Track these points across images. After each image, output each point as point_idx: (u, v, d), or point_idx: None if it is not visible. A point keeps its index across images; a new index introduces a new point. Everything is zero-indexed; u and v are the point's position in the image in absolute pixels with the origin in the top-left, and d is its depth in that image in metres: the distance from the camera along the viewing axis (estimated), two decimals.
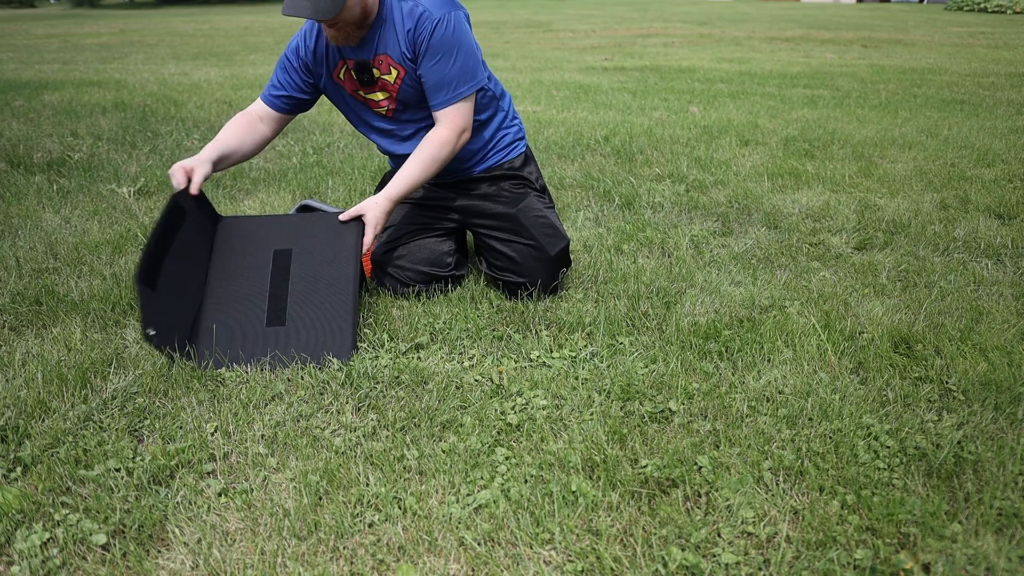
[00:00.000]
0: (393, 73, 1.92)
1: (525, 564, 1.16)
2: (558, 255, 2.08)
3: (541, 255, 2.06)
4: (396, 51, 1.89)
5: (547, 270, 2.07)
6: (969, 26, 14.76)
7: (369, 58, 1.91)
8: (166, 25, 17.22)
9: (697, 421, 1.52)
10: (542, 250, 2.06)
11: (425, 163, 1.93)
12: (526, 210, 2.11)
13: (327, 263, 1.89)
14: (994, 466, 1.35)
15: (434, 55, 1.86)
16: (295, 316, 1.80)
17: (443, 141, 1.93)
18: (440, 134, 1.93)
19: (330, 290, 1.84)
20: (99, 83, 6.73)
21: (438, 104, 1.92)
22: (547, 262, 2.06)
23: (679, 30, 13.65)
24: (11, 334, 1.91)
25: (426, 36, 1.84)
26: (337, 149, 4.06)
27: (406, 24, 1.86)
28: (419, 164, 1.93)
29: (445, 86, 1.89)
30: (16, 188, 3.23)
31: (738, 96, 5.90)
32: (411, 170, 1.93)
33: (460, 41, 1.87)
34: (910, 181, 3.33)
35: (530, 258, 2.06)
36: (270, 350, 1.75)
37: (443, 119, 1.93)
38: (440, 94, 1.90)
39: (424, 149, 1.93)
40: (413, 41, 1.86)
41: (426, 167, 1.93)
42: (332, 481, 1.34)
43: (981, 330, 1.88)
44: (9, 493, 1.29)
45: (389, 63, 1.91)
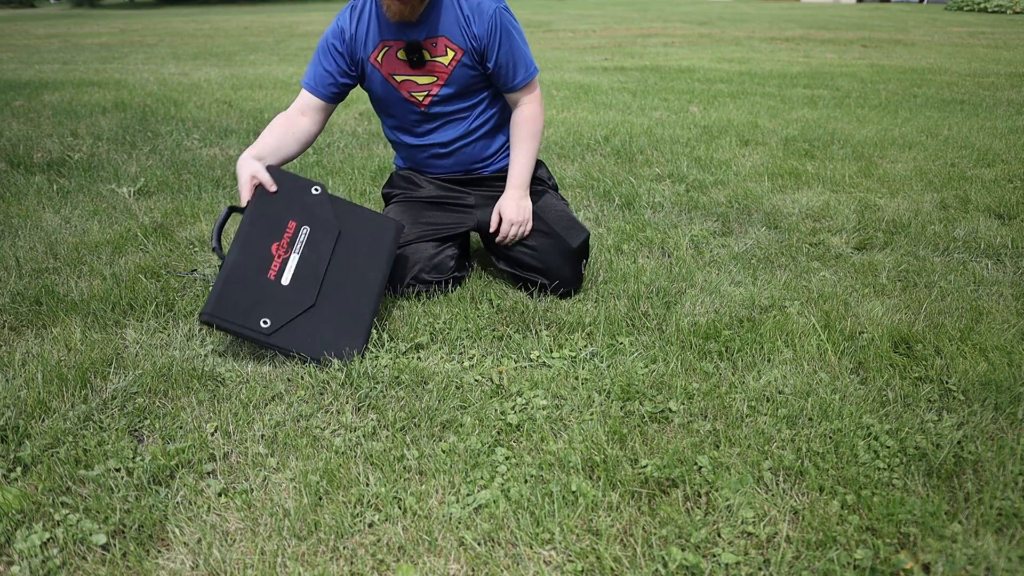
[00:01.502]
0: (449, 55, 1.96)
1: (525, 564, 1.16)
2: (580, 247, 2.10)
3: (563, 248, 2.08)
4: (456, 33, 1.95)
5: (570, 263, 2.09)
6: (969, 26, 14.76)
7: (421, 39, 1.95)
8: (166, 25, 17.22)
9: (697, 421, 1.52)
10: (564, 243, 2.08)
11: (529, 141, 2.07)
12: (545, 206, 2.14)
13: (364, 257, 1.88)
14: (994, 466, 1.35)
15: (506, 38, 1.97)
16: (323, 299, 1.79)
17: (534, 115, 2.07)
18: (529, 110, 2.06)
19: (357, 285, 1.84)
20: (99, 83, 6.73)
21: (520, 81, 2.03)
22: (569, 254, 2.08)
23: (679, 30, 13.65)
24: (11, 334, 1.91)
25: (497, 21, 1.95)
26: (337, 149, 4.07)
27: (464, 9, 1.93)
28: (524, 145, 2.07)
29: (522, 64, 2.02)
30: (16, 188, 3.23)
31: (738, 96, 5.90)
32: (521, 153, 2.07)
33: (516, 28, 2.01)
34: (910, 181, 3.33)
35: (553, 252, 2.08)
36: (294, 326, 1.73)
37: (525, 98, 2.06)
38: (519, 72, 2.02)
39: (522, 130, 2.07)
40: (479, 27, 1.94)
41: (532, 144, 2.08)
42: (332, 481, 1.34)
43: (981, 330, 1.88)
44: (9, 493, 1.29)
45: (446, 44, 1.95)
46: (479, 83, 2.04)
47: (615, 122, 4.76)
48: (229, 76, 7.32)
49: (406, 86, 2.02)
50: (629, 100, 5.70)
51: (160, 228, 2.71)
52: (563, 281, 2.09)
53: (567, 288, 2.11)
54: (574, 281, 2.11)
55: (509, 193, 2.08)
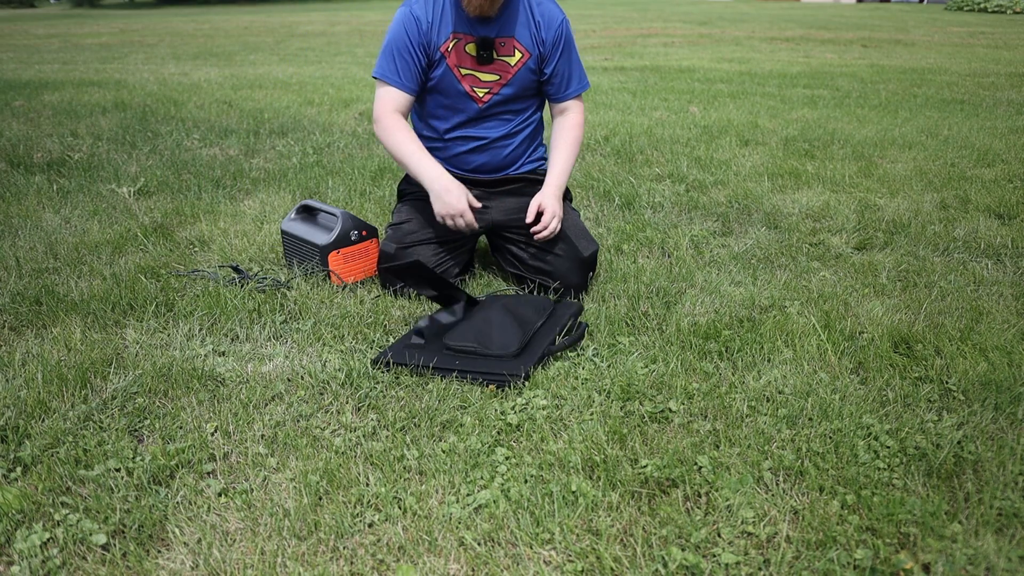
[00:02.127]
0: (516, 56, 2.01)
1: (525, 564, 1.16)
2: (589, 258, 2.11)
3: (575, 255, 2.08)
4: (526, 36, 2.02)
5: (578, 271, 2.09)
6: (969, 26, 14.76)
7: (492, 36, 1.98)
8: (166, 25, 17.22)
9: (697, 421, 1.52)
10: (576, 251, 2.09)
11: (573, 147, 2.15)
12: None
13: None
14: (994, 466, 1.35)
15: (567, 49, 2.08)
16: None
17: (580, 123, 2.17)
18: (576, 118, 2.16)
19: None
20: (99, 83, 6.73)
21: (573, 91, 2.13)
22: (579, 264, 2.09)
23: (679, 30, 13.65)
24: (11, 334, 1.91)
25: (563, 31, 2.05)
26: (337, 149, 4.06)
27: (535, 15, 2.01)
28: (568, 150, 2.14)
29: (577, 75, 2.13)
30: (16, 188, 3.23)
31: (738, 96, 5.90)
32: (564, 156, 2.13)
33: (574, 42, 2.12)
34: (910, 181, 3.33)
35: (563, 261, 2.09)
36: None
37: (573, 107, 2.16)
38: (574, 82, 2.13)
39: (568, 135, 2.14)
40: (545, 34, 2.02)
41: (575, 149, 2.15)
42: (332, 481, 1.34)
43: (981, 330, 1.88)
44: (9, 493, 1.29)
45: (515, 45, 2.00)
46: (535, 88, 2.11)
47: (615, 122, 4.76)
48: (229, 76, 7.32)
49: (469, 80, 2.04)
50: (629, 100, 5.70)
51: (160, 228, 2.71)
52: (569, 288, 2.10)
53: (572, 295, 2.11)
54: (579, 290, 2.11)
55: (549, 190, 2.09)
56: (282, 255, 2.43)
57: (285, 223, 2.31)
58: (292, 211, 2.34)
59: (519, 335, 1.77)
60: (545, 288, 2.12)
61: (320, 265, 2.19)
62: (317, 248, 2.17)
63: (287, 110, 5.29)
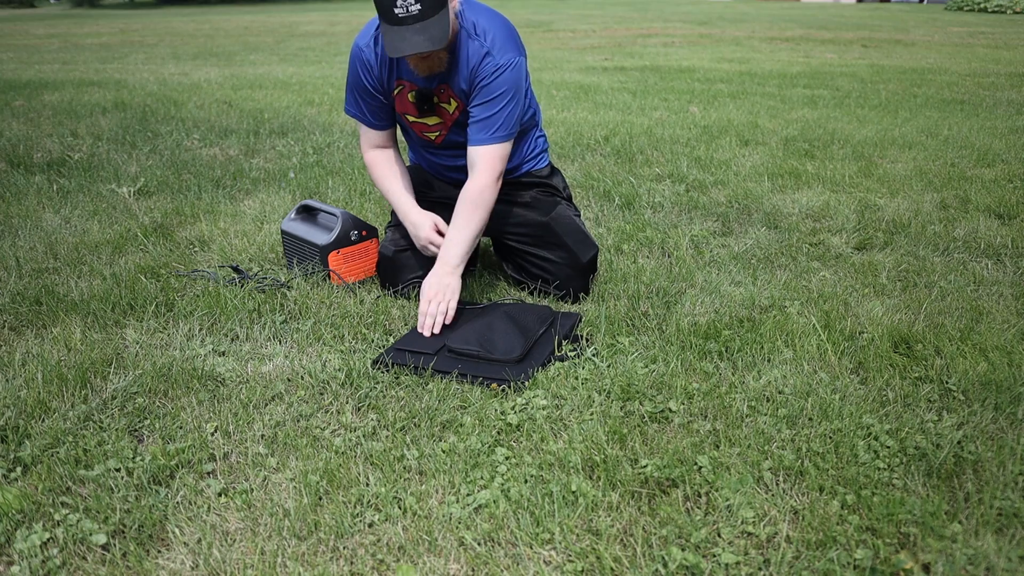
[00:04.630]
0: (452, 104, 1.94)
1: (525, 564, 1.15)
2: (589, 262, 2.10)
3: (574, 262, 2.07)
4: (457, 85, 1.90)
5: (578, 277, 2.09)
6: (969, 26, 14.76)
7: (432, 87, 1.92)
8: (166, 25, 17.22)
9: (697, 421, 1.52)
10: (574, 257, 2.07)
11: (471, 219, 1.91)
12: (558, 218, 2.13)
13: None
14: (994, 466, 1.35)
15: (487, 95, 1.86)
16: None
17: (482, 188, 1.90)
18: (478, 182, 1.90)
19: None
20: (99, 83, 6.73)
21: (480, 140, 1.89)
22: (579, 269, 2.08)
23: (679, 30, 13.65)
24: (11, 334, 1.91)
25: (486, 77, 1.84)
26: (337, 149, 4.06)
27: (471, 61, 1.86)
28: (467, 220, 1.91)
29: (491, 127, 1.88)
30: (16, 188, 3.23)
31: (738, 96, 5.90)
32: (461, 228, 1.91)
33: (516, 88, 1.88)
34: (910, 181, 3.33)
35: (563, 265, 2.08)
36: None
37: (480, 161, 1.90)
38: (484, 132, 1.89)
39: (466, 205, 1.90)
40: (472, 77, 1.87)
41: (475, 221, 1.91)
42: (332, 481, 1.34)
43: (981, 330, 1.88)
44: (9, 493, 1.29)
45: (450, 94, 1.92)
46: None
47: (615, 122, 4.75)
48: (229, 76, 7.32)
49: (416, 127, 2.03)
50: (629, 100, 5.70)
51: (160, 228, 2.71)
52: (569, 293, 2.10)
53: (572, 300, 2.11)
54: (580, 293, 2.11)
55: (436, 268, 1.91)
56: (282, 255, 2.43)
57: (285, 223, 2.31)
58: (292, 211, 2.34)
59: (522, 341, 1.77)
60: (546, 290, 2.11)
61: (320, 265, 2.18)
62: (317, 248, 2.17)
63: (287, 110, 5.29)
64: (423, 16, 1.66)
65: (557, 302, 2.10)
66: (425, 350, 1.76)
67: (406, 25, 1.67)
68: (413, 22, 1.67)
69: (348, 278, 2.19)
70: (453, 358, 1.74)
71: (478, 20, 1.86)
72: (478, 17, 1.87)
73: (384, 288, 2.16)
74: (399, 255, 2.10)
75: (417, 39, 1.68)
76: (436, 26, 1.68)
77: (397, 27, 1.68)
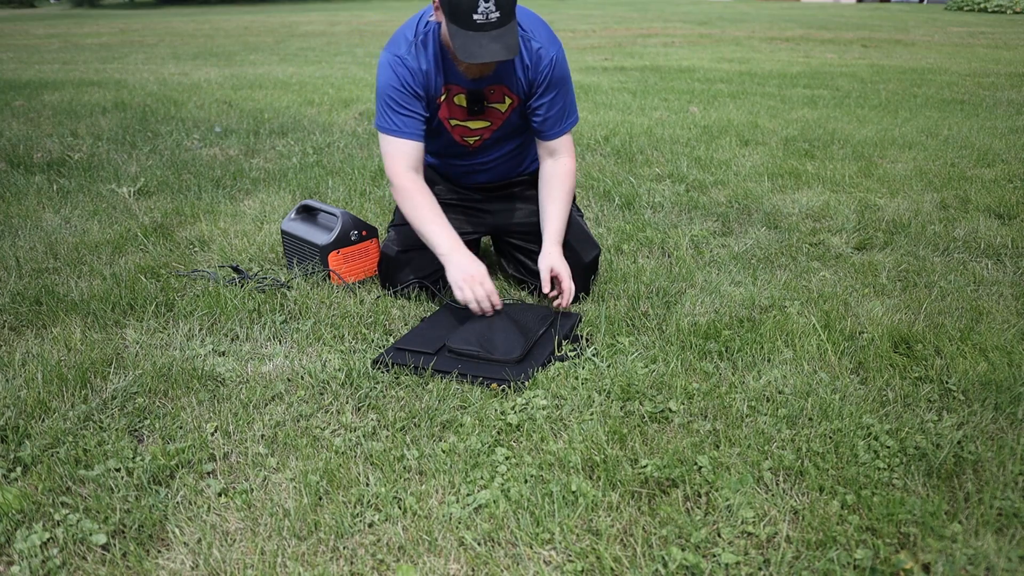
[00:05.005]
0: (506, 102, 1.95)
1: (525, 564, 1.16)
2: (591, 262, 2.10)
3: (576, 262, 2.06)
4: (512, 81, 1.91)
5: (580, 277, 2.07)
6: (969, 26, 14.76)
7: (483, 87, 1.92)
8: (166, 25, 17.22)
9: (697, 421, 1.52)
10: (577, 257, 2.07)
11: (567, 198, 2.01)
12: None
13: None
14: (994, 466, 1.35)
15: (554, 88, 1.93)
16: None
17: (572, 171, 2.03)
18: (568, 164, 2.02)
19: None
20: (99, 83, 6.73)
21: (559, 132, 1.99)
22: (581, 269, 2.07)
23: (679, 30, 13.65)
24: (11, 334, 1.91)
25: (548, 71, 1.91)
26: (337, 149, 4.06)
27: (525, 56, 1.88)
28: (563, 202, 2.00)
29: (564, 116, 1.99)
30: (16, 188, 3.23)
31: (738, 96, 5.90)
32: (560, 210, 1.99)
33: (569, 76, 1.98)
34: (910, 181, 3.33)
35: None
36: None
37: (562, 148, 2.01)
38: (560, 123, 1.98)
39: (563, 186, 2.00)
40: (534, 75, 1.90)
41: (569, 200, 2.02)
42: (332, 481, 1.34)
43: (981, 330, 1.88)
44: (9, 493, 1.29)
45: (504, 92, 1.93)
46: (526, 122, 2.03)
47: (615, 122, 4.75)
48: (229, 76, 7.32)
49: (459, 131, 2.01)
50: (629, 100, 5.70)
51: (160, 228, 2.71)
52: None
53: (574, 299, 2.10)
54: (580, 293, 2.10)
55: (552, 249, 1.95)
56: (282, 255, 2.43)
57: (285, 223, 2.31)
58: (292, 211, 2.34)
59: (522, 342, 1.77)
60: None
61: (320, 265, 2.19)
62: (317, 248, 2.17)
63: (287, 110, 5.29)
64: (501, 23, 1.67)
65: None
66: (425, 350, 1.76)
67: (484, 32, 1.66)
68: (491, 29, 1.67)
69: (348, 278, 2.19)
70: (453, 358, 1.74)
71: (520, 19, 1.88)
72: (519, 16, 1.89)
73: (384, 288, 2.16)
74: (402, 255, 2.10)
75: (495, 47, 1.68)
76: (511, 34, 1.69)
77: (474, 33, 1.67)
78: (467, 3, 1.63)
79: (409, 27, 1.89)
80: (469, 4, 1.63)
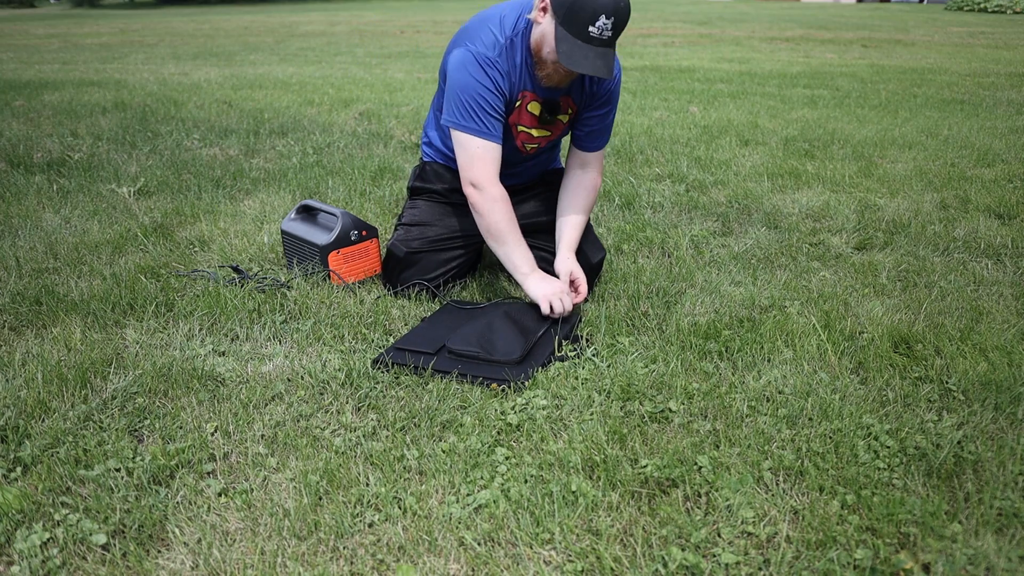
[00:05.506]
0: (569, 112, 1.97)
1: (525, 564, 1.16)
2: (597, 265, 2.12)
3: (584, 263, 2.07)
4: (578, 92, 1.93)
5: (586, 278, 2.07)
6: (969, 26, 14.76)
7: (556, 96, 1.93)
8: (166, 25, 17.22)
9: (697, 421, 1.52)
10: (585, 260, 2.07)
11: (587, 210, 2.06)
12: None
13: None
14: (994, 466, 1.35)
15: (609, 104, 1.98)
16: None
17: (597, 186, 2.08)
18: (595, 179, 2.06)
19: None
20: (99, 83, 6.73)
21: (598, 146, 2.03)
22: (588, 270, 2.08)
23: (679, 30, 13.65)
24: (11, 334, 1.91)
25: (611, 85, 1.95)
26: (337, 149, 4.06)
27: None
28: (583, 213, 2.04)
29: (607, 132, 2.04)
30: (16, 188, 3.23)
31: (738, 96, 5.90)
32: (579, 221, 2.04)
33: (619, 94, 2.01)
34: (910, 181, 3.33)
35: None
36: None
37: (595, 162, 2.06)
38: (602, 138, 2.04)
39: (587, 198, 2.05)
40: (598, 87, 1.93)
41: (588, 212, 2.07)
42: (332, 481, 1.34)
43: (981, 330, 1.88)
44: (9, 493, 1.29)
45: (569, 104, 1.95)
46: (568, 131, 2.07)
47: (615, 122, 4.75)
48: (229, 76, 7.32)
49: (522, 137, 2.01)
50: (629, 100, 5.70)
51: (160, 228, 2.71)
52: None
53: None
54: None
55: (568, 255, 2.00)
56: (282, 255, 2.43)
57: (285, 223, 2.30)
58: (292, 211, 2.34)
59: (522, 342, 1.77)
60: None
61: (320, 265, 2.18)
62: (317, 248, 2.17)
63: (287, 110, 5.29)
64: (609, 43, 1.69)
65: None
66: (425, 350, 1.76)
67: (592, 46, 1.68)
68: (599, 45, 1.68)
69: (348, 278, 2.19)
70: (453, 359, 1.74)
71: None
72: None
73: (386, 287, 2.16)
74: (411, 256, 2.10)
75: (598, 63, 1.69)
76: (612, 56, 1.71)
77: (583, 44, 1.67)
78: (588, 14, 1.64)
79: (494, 23, 1.85)
80: (589, 16, 1.64)
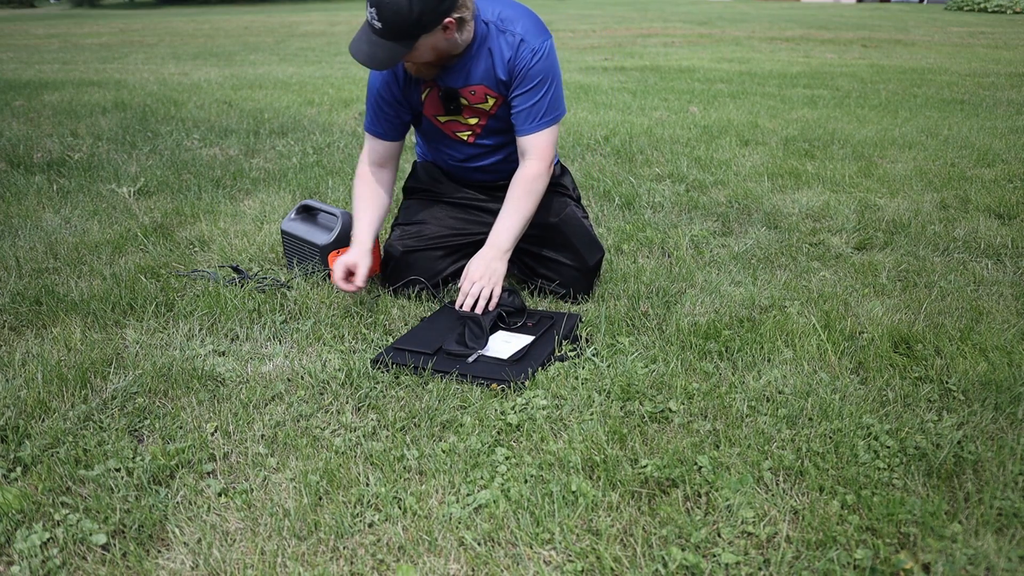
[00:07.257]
0: (490, 101, 1.95)
1: (525, 564, 1.16)
2: (595, 265, 2.11)
3: (581, 264, 2.07)
4: (493, 80, 1.91)
5: (584, 279, 2.09)
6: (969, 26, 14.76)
7: (458, 87, 1.91)
8: (166, 25, 17.22)
9: (697, 421, 1.52)
10: (582, 259, 2.08)
11: (520, 203, 1.94)
12: (568, 220, 2.12)
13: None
14: (994, 466, 1.35)
15: (532, 80, 1.88)
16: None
17: (535, 175, 1.94)
18: (531, 170, 1.94)
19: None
20: (99, 83, 6.73)
21: (529, 129, 1.92)
22: (585, 271, 2.08)
23: (679, 30, 13.65)
24: (11, 334, 1.91)
25: (525, 64, 1.87)
26: (337, 149, 4.06)
27: (506, 53, 1.87)
28: (519, 204, 1.93)
29: (539, 114, 1.91)
30: (16, 188, 3.23)
31: (738, 96, 5.90)
32: (507, 216, 1.94)
33: (554, 70, 1.92)
34: (910, 181, 3.33)
35: (570, 267, 2.08)
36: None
37: (531, 148, 1.94)
38: (532, 120, 1.92)
39: (517, 190, 1.94)
40: (511, 68, 1.88)
41: (523, 205, 1.94)
42: (332, 481, 1.34)
43: (981, 330, 1.88)
44: (9, 493, 1.29)
45: (486, 92, 1.92)
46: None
47: (615, 122, 4.76)
48: (229, 76, 7.32)
49: (450, 125, 2.02)
50: (629, 100, 5.70)
51: (160, 228, 2.71)
52: (570, 294, 2.10)
53: (574, 301, 2.11)
54: (584, 293, 2.11)
55: (483, 251, 1.93)
56: (282, 255, 2.43)
57: (285, 223, 2.31)
58: (292, 211, 2.34)
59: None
60: (549, 288, 2.11)
61: (320, 265, 2.18)
62: (317, 248, 2.17)
63: (287, 110, 5.29)
64: (380, 34, 1.72)
65: (558, 302, 2.10)
66: (424, 350, 1.76)
67: (364, 31, 1.75)
68: (372, 32, 1.74)
69: None
70: (452, 359, 1.74)
71: (503, 12, 1.89)
72: (502, 9, 1.89)
73: (385, 286, 2.16)
74: (408, 256, 2.10)
75: (364, 48, 1.75)
76: (384, 51, 1.74)
77: (362, 28, 1.76)
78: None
79: None
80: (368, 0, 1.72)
